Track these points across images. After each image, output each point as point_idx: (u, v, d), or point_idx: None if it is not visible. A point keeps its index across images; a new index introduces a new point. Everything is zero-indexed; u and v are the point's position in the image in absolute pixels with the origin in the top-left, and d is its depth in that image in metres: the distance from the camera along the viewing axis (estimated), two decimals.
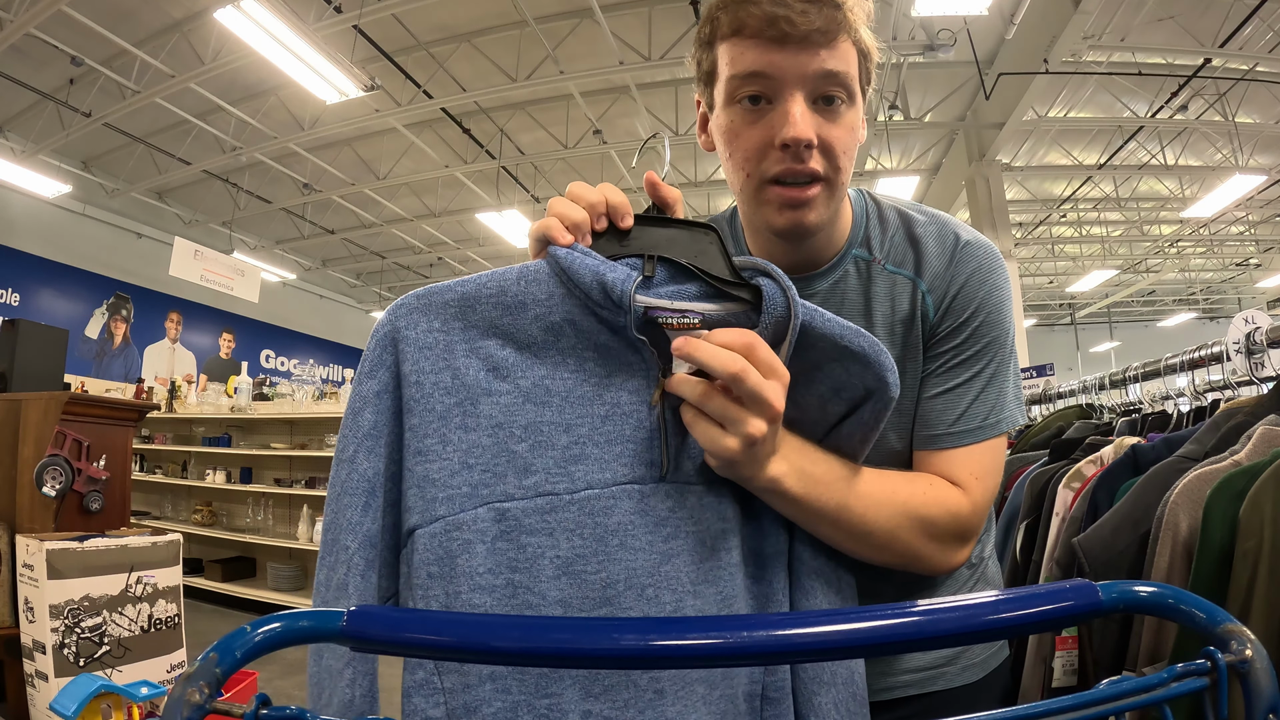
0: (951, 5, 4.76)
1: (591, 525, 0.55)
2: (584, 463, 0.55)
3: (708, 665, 0.58)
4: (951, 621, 0.37)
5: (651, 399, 0.57)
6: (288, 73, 5.31)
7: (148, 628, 2.27)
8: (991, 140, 7.22)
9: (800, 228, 0.69)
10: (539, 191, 9.03)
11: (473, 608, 0.52)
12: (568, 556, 0.54)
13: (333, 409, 4.86)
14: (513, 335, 0.56)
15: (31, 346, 2.94)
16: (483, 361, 0.56)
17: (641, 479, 0.56)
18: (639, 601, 0.54)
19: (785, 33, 0.62)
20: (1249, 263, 13.21)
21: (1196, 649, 0.38)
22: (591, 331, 0.57)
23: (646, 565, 0.55)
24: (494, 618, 0.46)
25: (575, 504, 0.55)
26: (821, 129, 0.65)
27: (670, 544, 0.56)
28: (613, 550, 0.55)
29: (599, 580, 0.54)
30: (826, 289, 0.78)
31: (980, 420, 0.73)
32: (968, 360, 0.74)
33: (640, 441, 0.57)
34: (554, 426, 0.56)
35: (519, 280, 0.57)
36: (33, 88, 6.68)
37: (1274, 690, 0.35)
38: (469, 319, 0.56)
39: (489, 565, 0.53)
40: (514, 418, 0.55)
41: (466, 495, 0.54)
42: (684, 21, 5.98)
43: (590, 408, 0.56)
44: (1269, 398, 1.21)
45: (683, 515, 0.57)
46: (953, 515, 0.69)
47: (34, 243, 8.30)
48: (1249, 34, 5.93)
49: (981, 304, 0.74)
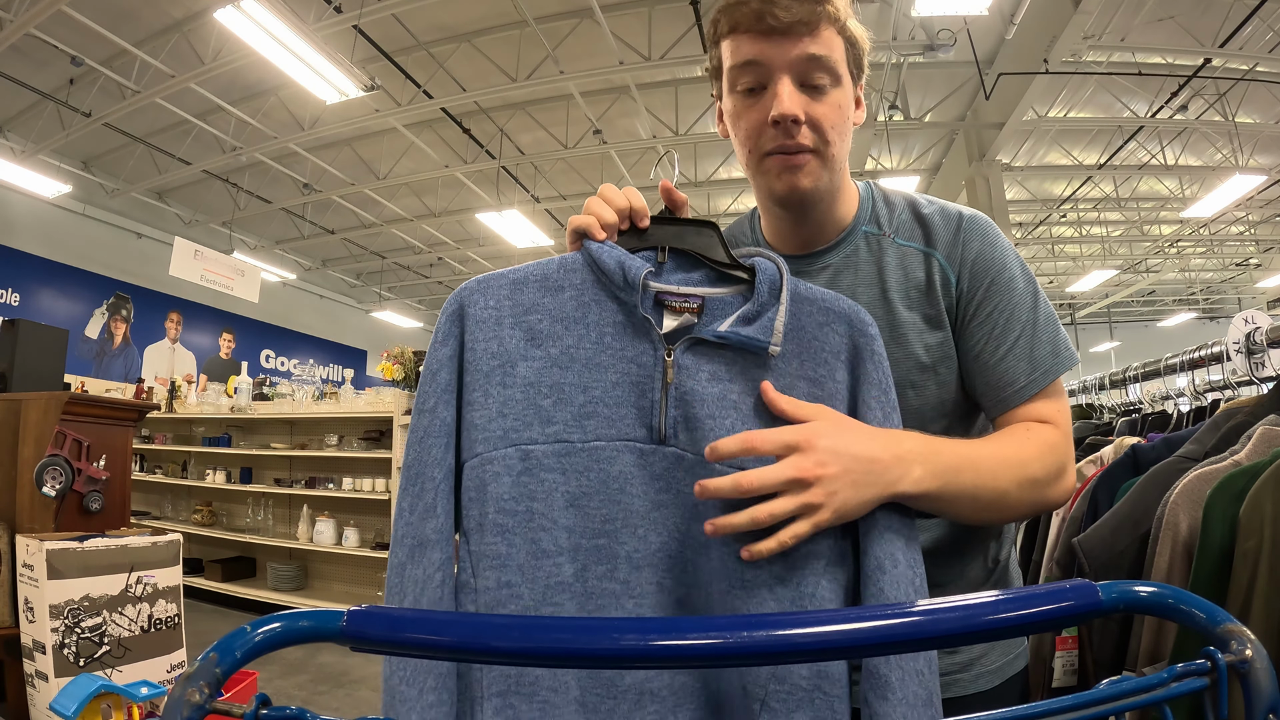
0: (951, 5, 4.76)
1: (597, 470, 0.65)
2: (595, 419, 0.66)
3: (708, 665, 0.61)
4: (952, 621, 0.37)
5: (664, 377, 0.67)
6: (288, 73, 5.31)
7: (148, 628, 2.27)
8: (991, 140, 7.22)
9: (796, 191, 0.77)
10: (539, 191, 9.03)
11: (499, 527, 0.64)
12: (576, 492, 0.65)
13: (333, 409, 4.86)
14: (550, 311, 0.69)
15: (31, 346, 2.94)
16: (524, 333, 0.68)
17: (643, 440, 0.66)
18: (631, 539, 0.64)
19: (771, 25, 0.71)
20: (1249, 263, 13.21)
21: (1196, 649, 0.38)
22: (612, 311, 0.69)
23: (640, 509, 0.65)
24: (494, 618, 0.46)
25: (585, 451, 0.65)
26: (809, 107, 0.74)
27: (661, 496, 0.65)
28: (613, 493, 0.65)
29: (600, 516, 0.65)
30: (839, 262, 0.84)
31: (1049, 363, 0.78)
32: (1015, 313, 0.79)
33: (644, 409, 0.67)
34: (574, 387, 0.67)
35: (559, 268, 0.71)
36: (33, 88, 6.67)
37: (1274, 690, 0.35)
38: (517, 299, 0.69)
39: (513, 494, 0.65)
40: (543, 378, 0.67)
41: (499, 438, 0.65)
42: (684, 21, 5.98)
43: (605, 374, 0.67)
44: (1269, 398, 1.21)
45: (676, 476, 0.66)
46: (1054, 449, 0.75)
47: (34, 243, 8.30)
48: (1249, 34, 5.92)
49: (1001, 261, 0.80)
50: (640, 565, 0.64)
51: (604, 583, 0.64)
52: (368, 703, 3.25)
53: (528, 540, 0.64)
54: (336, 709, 3.12)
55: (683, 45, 6.14)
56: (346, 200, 9.39)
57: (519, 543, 0.64)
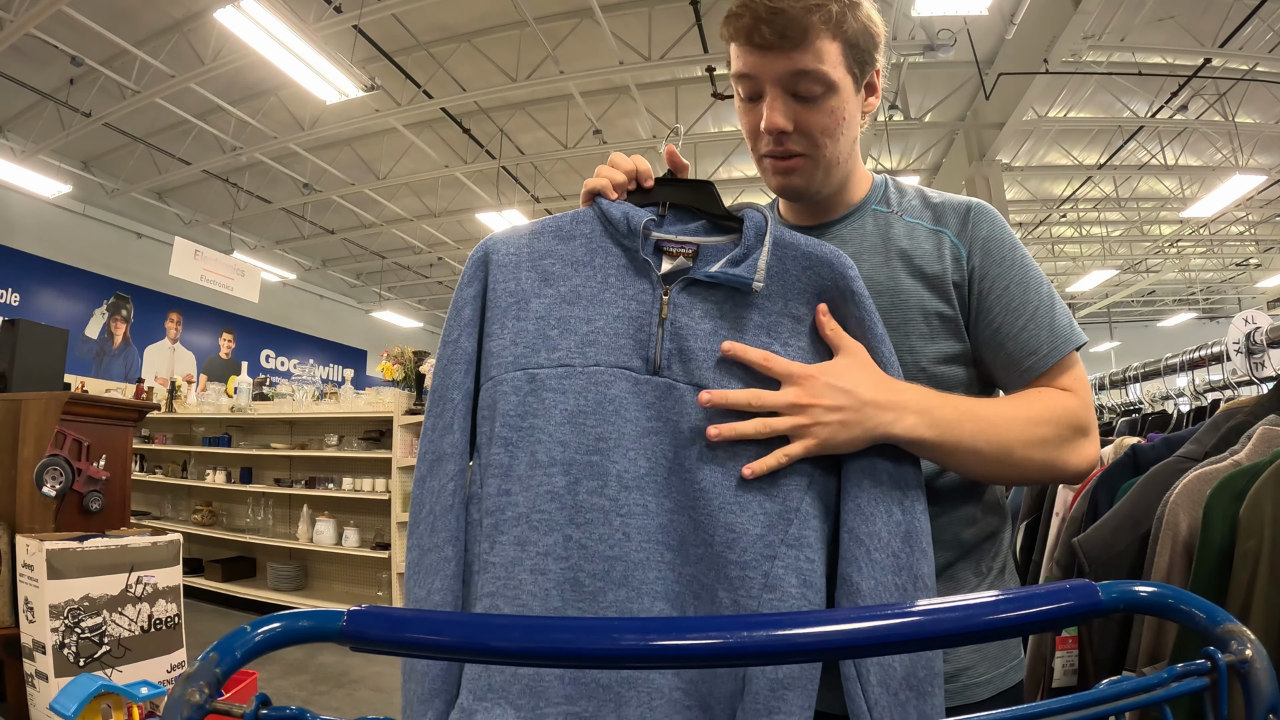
0: (951, 5, 4.76)
1: (595, 391, 0.71)
2: (595, 347, 0.73)
3: (708, 665, 0.62)
4: (951, 621, 0.37)
5: (660, 313, 0.74)
6: (288, 73, 5.31)
7: (148, 628, 2.27)
8: (991, 140, 7.22)
9: (788, 189, 0.85)
10: (539, 191, 9.03)
11: (503, 440, 0.71)
12: (573, 410, 0.71)
13: (333, 409, 4.86)
14: (562, 256, 0.77)
15: (31, 346, 2.94)
16: (538, 274, 0.76)
17: (638, 370, 0.73)
18: (622, 459, 0.70)
19: (758, 43, 0.76)
20: (1249, 263, 13.21)
21: (1196, 649, 0.38)
22: (617, 256, 0.76)
23: (632, 432, 0.71)
24: (494, 618, 0.46)
25: (584, 374, 0.72)
26: (799, 116, 0.79)
27: (652, 424, 0.71)
28: (608, 414, 0.71)
29: (595, 434, 0.70)
30: (845, 233, 0.88)
31: (1068, 334, 0.80)
32: (1032, 287, 0.81)
33: (641, 341, 0.73)
34: (579, 320, 0.74)
35: (572, 220, 0.79)
36: (33, 88, 6.68)
37: (1274, 690, 0.35)
38: (534, 246, 0.78)
39: (518, 411, 0.71)
40: (552, 312, 0.74)
41: (510, 363, 0.73)
42: (684, 21, 5.98)
43: (607, 309, 0.74)
44: (1269, 398, 1.21)
45: (667, 405, 0.72)
46: (1070, 411, 0.76)
47: (34, 243, 8.30)
48: (1249, 34, 5.93)
49: (1012, 242, 0.83)
50: (629, 486, 0.69)
51: (594, 498, 0.69)
52: (368, 703, 3.25)
53: (527, 452, 0.70)
54: (336, 709, 3.12)
55: (683, 45, 6.14)
56: (346, 200, 9.39)
57: (520, 455, 0.70)
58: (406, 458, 4.36)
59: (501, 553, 0.68)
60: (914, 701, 0.66)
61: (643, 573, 0.68)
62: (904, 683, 0.66)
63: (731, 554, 0.67)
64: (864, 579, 0.67)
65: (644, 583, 0.68)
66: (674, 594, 0.69)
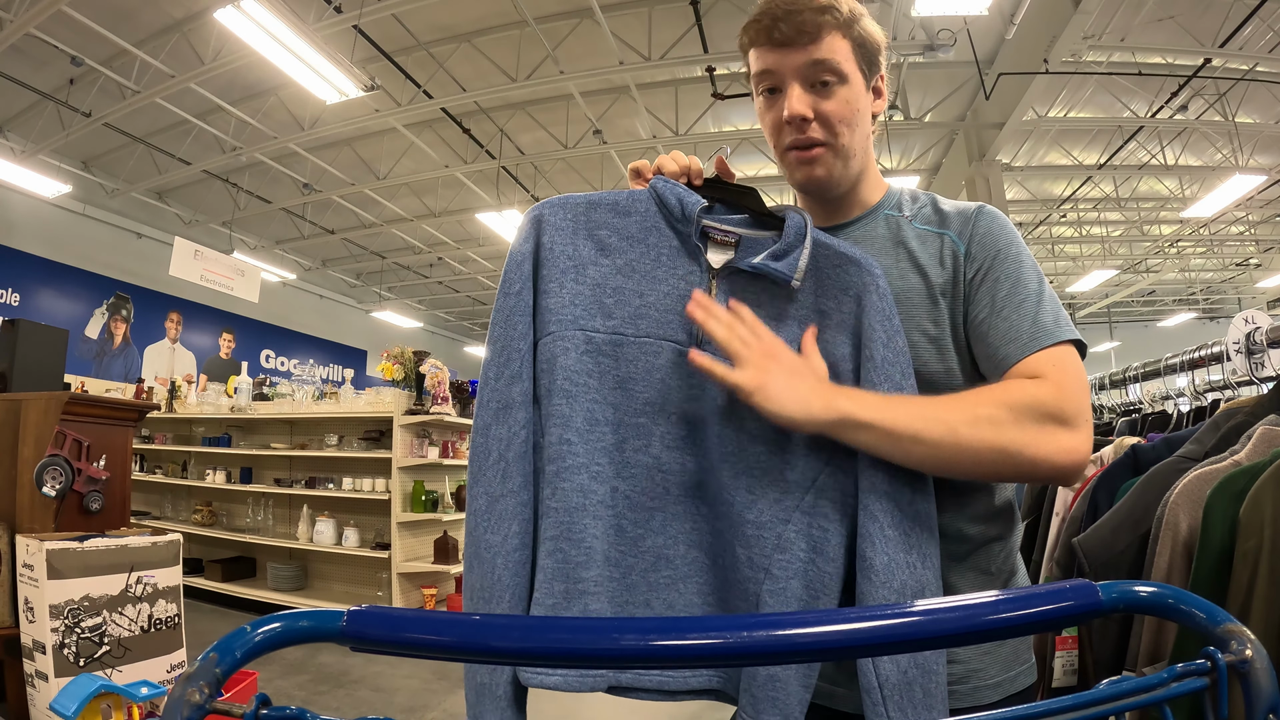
0: (951, 5, 4.76)
1: (644, 360, 0.79)
2: (646, 319, 0.80)
3: (707, 665, 0.65)
4: (952, 621, 0.37)
5: (709, 288, 0.80)
6: (288, 73, 5.31)
7: (148, 628, 2.27)
8: (991, 140, 7.22)
9: (812, 180, 0.88)
10: (539, 192, 9.02)
11: (564, 392, 0.77)
12: (624, 376, 0.79)
13: (333, 409, 4.86)
14: (619, 230, 0.83)
15: (31, 346, 2.94)
16: (595, 244, 0.82)
17: (683, 343, 0.79)
18: (665, 423, 0.78)
19: (778, 39, 0.83)
20: (1249, 263, 13.20)
21: (1196, 649, 0.38)
22: (669, 237, 0.82)
23: (675, 399, 0.79)
24: (494, 618, 0.46)
25: (635, 344, 0.79)
26: (817, 105, 0.84)
27: (693, 390, 0.79)
28: (655, 381, 0.79)
29: (642, 399, 0.78)
30: (859, 234, 0.92)
31: (1047, 329, 0.77)
32: (1022, 281, 0.81)
33: (687, 318, 0.77)
34: (632, 292, 0.80)
35: (628, 198, 0.84)
36: (33, 88, 6.68)
37: (1274, 690, 0.35)
38: (590, 216, 0.83)
39: (578, 367, 0.78)
40: (608, 281, 0.81)
41: (569, 322, 0.79)
42: (684, 21, 5.98)
43: (659, 285, 0.81)
44: (1269, 398, 1.21)
45: (706, 376, 0.75)
46: (1032, 396, 0.73)
47: (34, 243, 8.30)
48: (1249, 34, 5.92)
49: (1010, 238, 0.85)
50: (671, 447, 0.78)
51: (639, 455, 0.78)
52: (368, 703, 3.25)
53: (584, 408, 0.77)
54: (336, 709, 3.12)
55: (683, 45, 6.13)
56: (346, 200, 9.39)
57: (579, 408, 0.77)
58: (406, 458, 4.36)
59: (564, 499, 0.75)
60: (920, 680, 0.70)
61: (679, 524, 0.78)
62: (911, 659, 0.71)
63: (750, 514, 0.75)
64: (877, 554, 0.72)
65: (680, 532, 0.78)
66: (706, 544, 0.78)
